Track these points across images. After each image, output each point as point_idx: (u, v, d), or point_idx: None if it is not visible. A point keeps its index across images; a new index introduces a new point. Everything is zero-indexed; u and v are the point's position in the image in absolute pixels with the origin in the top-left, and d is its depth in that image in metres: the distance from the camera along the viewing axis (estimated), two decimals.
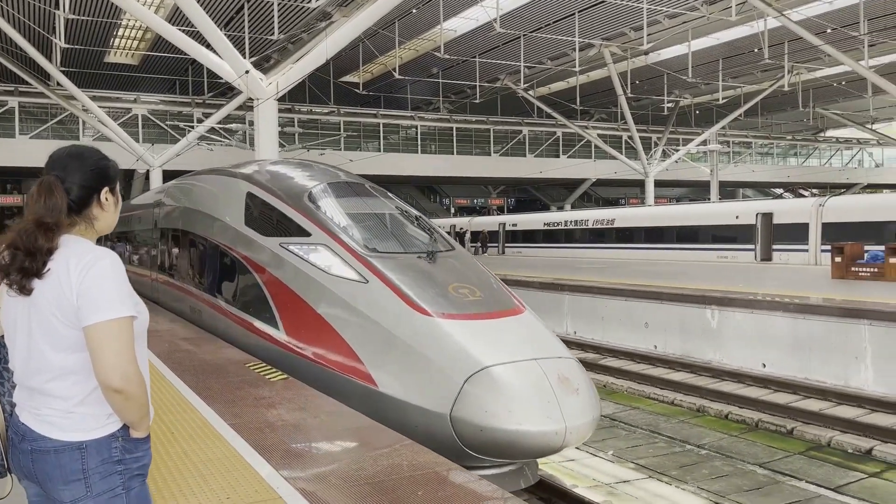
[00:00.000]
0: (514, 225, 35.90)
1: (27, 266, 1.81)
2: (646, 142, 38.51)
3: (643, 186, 37.06)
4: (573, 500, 6.45)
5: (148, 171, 29.07)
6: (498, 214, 45.01)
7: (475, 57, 30.46)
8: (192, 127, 28.42)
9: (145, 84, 34.93)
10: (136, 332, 1.89)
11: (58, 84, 26.72)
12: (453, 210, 50.40)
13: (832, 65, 30.27)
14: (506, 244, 35.89)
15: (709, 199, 34.86)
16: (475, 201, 51.26)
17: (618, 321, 14.30)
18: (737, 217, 23.51)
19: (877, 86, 26.05)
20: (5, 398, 1.96)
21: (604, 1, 24.90)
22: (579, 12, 25.77)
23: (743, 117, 38.59)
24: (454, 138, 40.30)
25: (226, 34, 14.83)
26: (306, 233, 6.77)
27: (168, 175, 21.96)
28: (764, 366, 11.41)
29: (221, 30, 14.76)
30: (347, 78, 34.25)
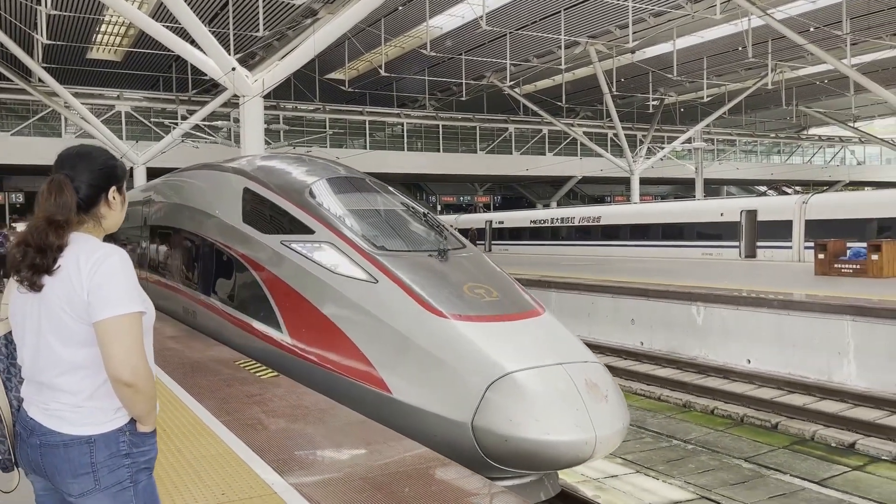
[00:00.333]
0: (501, 222, 35.98)
1: (38, 263, 1.84)
2: (631, 139, 38.69)
3: (628, 184, 37.20)
4: None
5: (132, 169, 28.83)
6: (484, 212, 45.08)
7: (461, 54, 30.46)
8: (177, 124, 28.20)
9: (128, 81, 34.62)
10: (144, 328, 1.92)
11: (39, 80, 26.43)
12: (440, 208, 50.40)
13: (815, 63, 30.53)
14: (493, 242, 35.96)
15: (694, 197, 35.11)
16: (461, 199, 51.28)
17: (604, 318, 14.39)
18: (721, 214, 23.70)
19: (859, 84, 26.31)
20: (12, 393, 1.98)
21: None
22: (565, 10, 25.83)
23: (727, 115, 38.85)
24: (440, 136, 40.30)
25: (210, 30, 14.71)
26: (309, 230, 6.49)
27: (152, 173, 21.78)
28: (749, 362, 11.53)
29: (206, 26, 14.65)
30: (333, 75, 34.13)
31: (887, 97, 25.78)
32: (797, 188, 50.34)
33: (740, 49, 28.07)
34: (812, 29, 25.01)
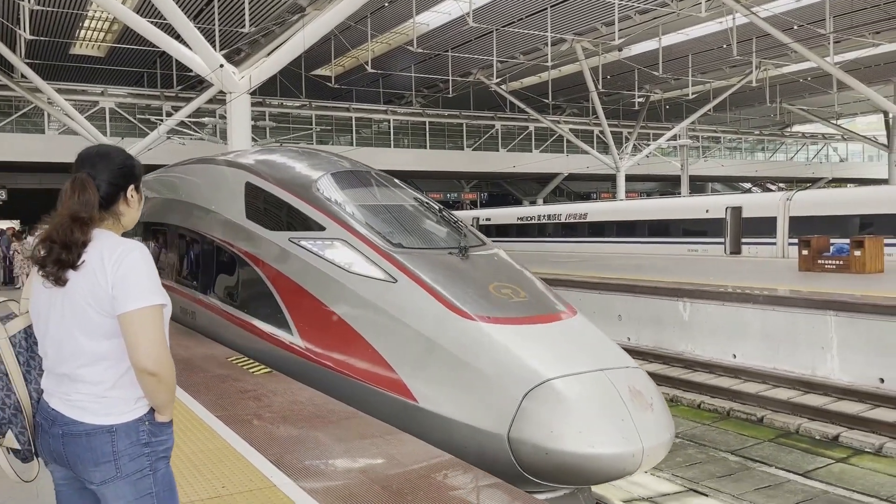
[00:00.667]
0: (488, 219, 36.07)
1: (64, 258, 1.89)
2: (617, 136, 38.88)
3: (614, 181, 37.41)
4: None
5: None
6: (471, 209, 45.13)
7: (448, 51, 30.48)
8: (162, 120, 28.03)
9: (112, 77, 34.33)
10: (164, 320, 1.98)
11: (22, 76, 26.17)
12: None
13: (798, 61, 30.82)
14: None
15: (679, 194, 35.34)
16: (448, 196, 51.28)
17: (592, 314, 14.48)
18: (707, 211, 23.91)
19: (841, 82, 26.63)
20: (32, 385, 2.02)
21: None
22: (551, 7, 25.92)
23: (712, 112, 39.13)
24: (427, 132, 40.29)
25: (196, 26, 14.64)
26: (319, 226, 6.13)
27: None
28: (734, 357, 11.66)
29: (191, 22, 14.57)
30: (319, 71, 34.04)
31: (869, 95, 26.13)
32: (781, 185, 50.76)
33: (725, 47, 28.30)
34: (796, 27, 25.26)
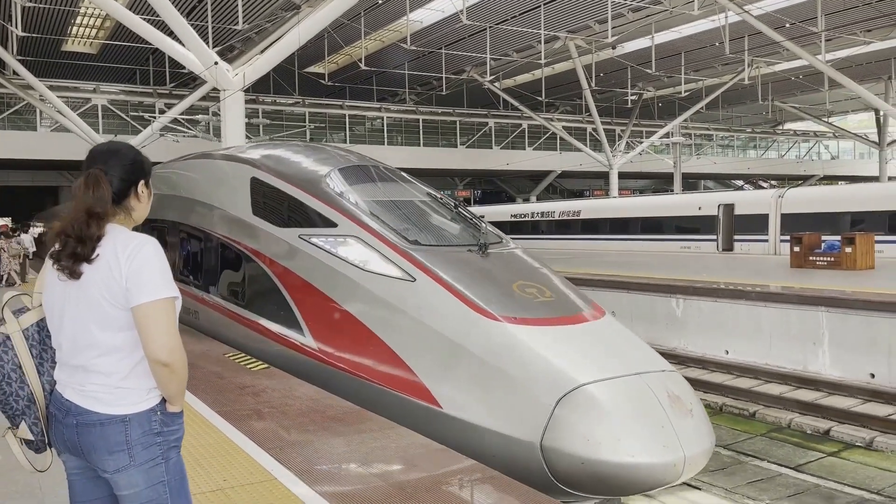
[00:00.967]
0: (482, 217, 36.06)
1: (79, 252, 1.93)
2: (610, 134, 38.94)
3: (607, 178, 37.49)
4: None
5: None
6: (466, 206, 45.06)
7: (441, 48, 30.48)
8: (155, 117, 27.94)
9: (104, 74, 34.19)
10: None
11: (14, 73, 26.04)
12: None
13: (790, 59, 30.97)
14: None
15: (672, 191, 35.48)
16: (442, 193, 51.31)
17: None
18: (699, 208, 24.01)
19: (833, 80, 26.76)
20: (44, 377, 2.06)
21: None
22: (545, 5, 25.95)
23: (704, 110, 39.25)
24: (420, 130, 40.29)
25: (189, 23, 14.59)
26: (331, 223, 5.92)
27: None
28: (727, 352, 11.75)
29: (184, 19, 14.52)
30: (312, 69, 33.96)
31: (861, 93, 26.26)
32: (773, 182, 51.01)
33: (717, 45, 28.40)
34: (787, 25, 25.38)
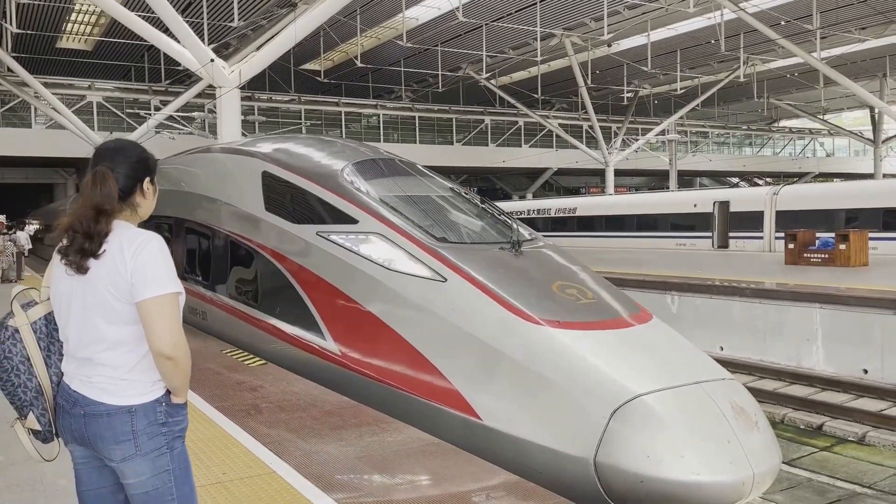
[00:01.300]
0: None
1: (86, 247, 1.97)
2: (606, 131, 39.01)
3: (603, 175, 37.57)
4: None
5: None
6: None
7: (437, 46, 30.49)
8: (150, 115, 27.89)
9: (99, 70, 34.12)
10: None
11: (9, 70, 25.98)
12: None
13: (786, 56, 31.05)
14: None
15: (667, 188, 35.56)
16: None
17: None
18: (695, 205, 24.10)
19: (828, 77, 26.84)
20: (52, 370, 2.10)
21: None
22: (541, 2, 25.97)
23: (700, 107, 39.34)
24: (417, 127, 40.30)
25: (184, 20, 14.59)
26: (351, 219, 5.59)
27: None
28: (721, 349, 11.82)
29: (179, 15, 14.52)
30: (308, 66, 33.94)
31: (855, 90, 26.35)
32: (768, 179, 51.15)
33: (713, 42, 28.47)
34: (783, 23, 25.46)
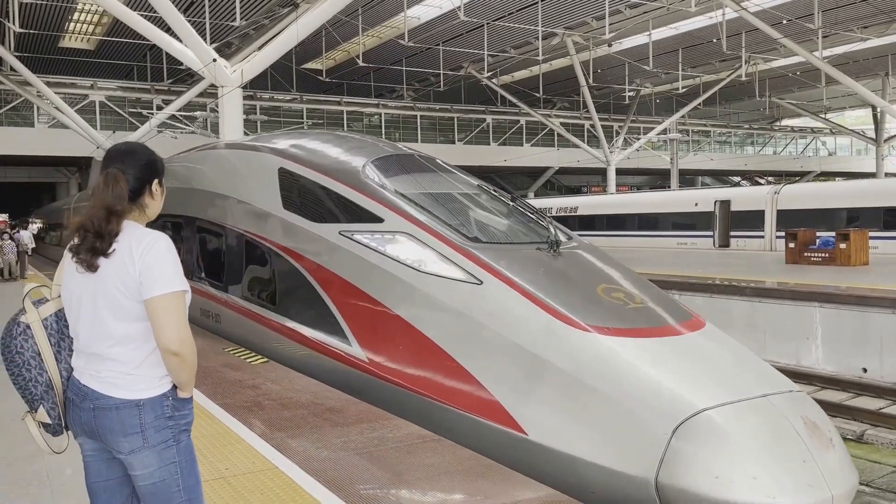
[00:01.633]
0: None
1: (97, 246, 2.04)
2: (607, 130, 39.03)
3: (605, 174, 37.59)
4: None
5: None
6: None
7: (439, 45, 30.53)
8: (153, 114, 27.98)
9: (102, 70, 34.20)
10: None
11: (11, 69, 26.06)
12: None
13: (787, 55, 31.06)
14: None
15: (669, 187, 35.59)
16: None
17: None
18: (696, 204, 24.12)
19: (830, 76, 26.86)
20: (62, 365, 2.17)
21: None
22: (542, 1, 26.01)
23: (702, 106, 39.35)
24: (418, 126, 40.35)
25: (186, 20, 14.65)
26: (376, 217, 5.31)
27: None
28: None
29: (181, 15, 14.57)
30: (310, 65, 33.99)
31: (857, 89, 26.35)
32: (770, 178, 51.17)
33: (715, 41, 28.48)
34: (785, 22, 25.47)
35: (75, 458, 2.27)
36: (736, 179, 53.35)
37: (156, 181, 2.24)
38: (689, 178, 52.03)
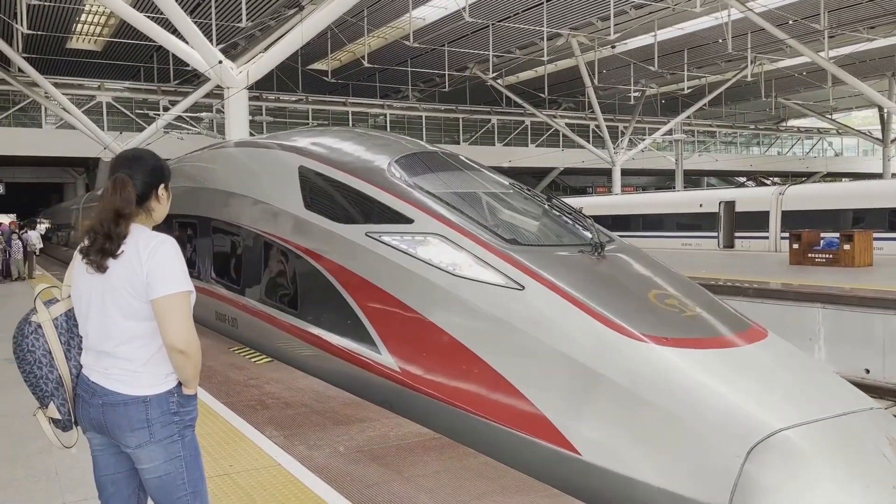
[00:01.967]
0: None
1: (107, 248, 2.12)
2: (612, 131, 39.05)
3: (610, 175, 37.61)
4: None
5: None
6: None
7: (444, 45, 30.60)
8: (159, 115, 28.13)
9: (109, 71, 34.40)
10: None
11: (19, 70, 26.24)
12: None
13: (793, 56, 31.03)
14: None
15: (674, 188, 35.57)
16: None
17: None
18: (700, 205, 24.14)
19: (836, 76, 26.83)
20: (71, 362, 2.25)
21: None
22: (547, 2, 26.05)
23: (707, 107, 39.33)
24: (423, 127, 40.43)
25: (193, 21, 14.75)
26: (405, 218, 5.03)
27: None
28: None
29: (188, 16, 14.68)
30: (316, 66, 34.11)
31: (864, 90, 26.33)
32: (775, 179, 51.04)
33: (720, 41, 28.48)
34: (791, 22, 25.45)
35: (84, 453, 2.34)
36: (741, 180, 53.30)
37: (162, 186, 2.32)
38: (695, 179, 51.97)
